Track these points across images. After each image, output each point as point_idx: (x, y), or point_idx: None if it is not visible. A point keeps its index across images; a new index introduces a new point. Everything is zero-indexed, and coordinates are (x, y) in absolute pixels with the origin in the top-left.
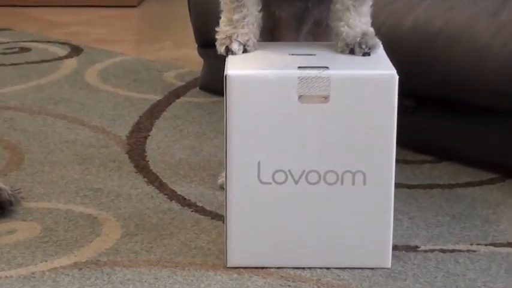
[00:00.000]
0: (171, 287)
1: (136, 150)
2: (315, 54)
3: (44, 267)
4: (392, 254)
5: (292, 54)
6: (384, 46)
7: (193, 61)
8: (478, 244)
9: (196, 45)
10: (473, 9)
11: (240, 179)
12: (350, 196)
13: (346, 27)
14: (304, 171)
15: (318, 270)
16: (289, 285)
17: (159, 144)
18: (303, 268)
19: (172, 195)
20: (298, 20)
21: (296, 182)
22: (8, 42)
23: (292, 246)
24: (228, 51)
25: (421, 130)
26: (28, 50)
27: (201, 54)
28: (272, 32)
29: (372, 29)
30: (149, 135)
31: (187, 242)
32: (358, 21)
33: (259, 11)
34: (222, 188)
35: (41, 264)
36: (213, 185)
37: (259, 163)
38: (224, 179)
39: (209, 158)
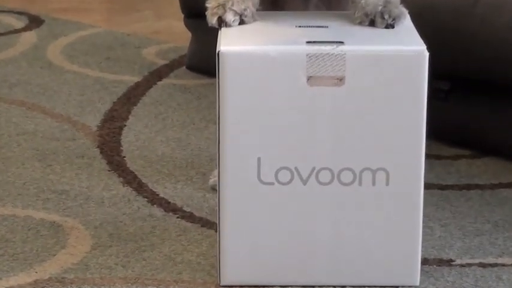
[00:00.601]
0: None
1: (109, 143)
2: (327, 27)
3: None
4: (422, 270)
5: (300, 26)
6: (411, 16)
7: (178, 35)
8: None
9: (182, 16)
10: None
11: (237, 178)
12: (370, 199)
13: None
14: (314, 168)
15: None
16: None
17: (137, 136)
18: (313, 287)
19: (154, 199)
20: None
21: (304, 182)
22: None
23: (299, 260)
24: (222, 22)
25: (456, 119)
26: None
27: (188, 26)
28: (275, 1)
29: None
30: (125, 125)
31: (171, 255)
32: None
33: None
34: (215, 189)
35: None
36: (203, 186)
37: (259, 159)
38: (217, 178)
39: (198, 153)
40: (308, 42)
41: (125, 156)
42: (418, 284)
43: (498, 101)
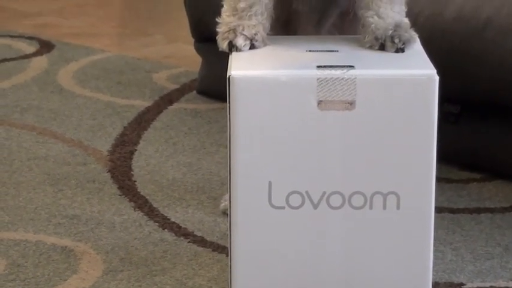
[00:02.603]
0: None
1: (120, 168)
2: (337, 51)
3: None
4: None
5: (310, 51)
6: (421, 40)
7: (189, 59)
8: None
9: (192, 40)
10: None
11: (248, 202)
12: (381, 223)
13: (375, 17)
14: (324, 193)
15: None
16: None
17: (148, 161)
18: None
19: (165, 223)
20: (319, 13)
21: (315, 206)
22: None
23: (310, 285)
24: (232, 47)
25: (466, 142)
26: None
27: (198, 50)
28: (287, 25)
29: (406, 20)
30: (136, 150)
31: (183, 280)
32: (390, 10)
33: None
34: (226, 213)
35: None
36: (214, 210)
37: (270, 183)
38: (228, 202)
39: (209, 177)
40: (318, 66)
41: (135, 181)
42: None
43: (509, 124)
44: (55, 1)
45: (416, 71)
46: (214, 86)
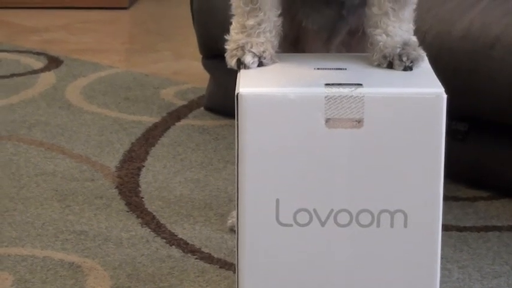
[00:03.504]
0: None
1: (128, 184)
2: (345, 69)
3: None
4: None
5: (318, 69)
6: (429, 59)
7: (196, 76)
8: None
9: (200, 57)
10: None
11: (255, 219)
12: (388, 241)
13: (383, 35)
14: (332, 210)
15: None
16: None
17: (155, 177)
18: None
19: (172, 240)
20: (328, 31)
21: (323, 224)
22: None
23: None
24: (240, 64)
25: (474, 160)
26: None
27: (206, 67)
28: (295, 43)
29: (414, 38)
30: (144, 166)
31: None
32: (398, 29)
33: (279, 16)
34: (233, 230)
35: None
36: (221, 227)
37: (277, 201)
38: (235, 219)
39: (217, 194)
40: (327, 84)
41: (143, 197)
42: None
43: None
44: (62, 17)
45: (425, 90)
46: (222, 102)
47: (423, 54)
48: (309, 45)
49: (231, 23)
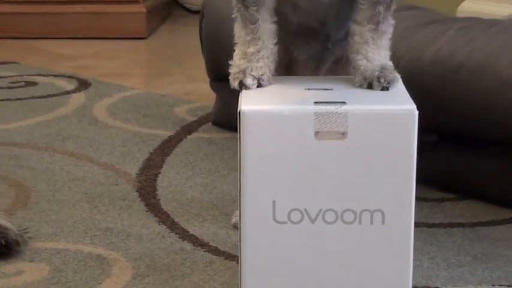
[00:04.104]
0: None
1: (146, 188)
2: (331, 89)
3: None
4: None
5: (309, 89)
6: (403, 80)
7: (205, 95)
8: (500, 285)
9: (208, 79)
10: (496, 42)
11: (255, 218)
12: (368, 235)
13: (364, 60)
14: (320, 210)
15: None
16: None
17: (170, 182)
18: None
19: (184, 235)
20: (316, 60)
21: (312, 221)
22: (13, 76)
23: (308, 287)
24: (242, 85)
25: (442, 167)
26: (34, 84)
27: (213, 88)
28: (288, 68)
29: (390, 63)
30: (160, 173)
31: (200, 283)
32: (376, 55)
33: (275, 45)
34: (236, 227)
35: None
36: (226, 224)
37: (274, 202)
38: (238, 218)
39: (222, 196)
40: (316, 102)
41: (159, 199)
42: None
43: (478, 152)
44: (91, 46)
45: (399, 106)
46: (226, 118)
47: (398, 76)
48: (299, 72)
49: (234, 50)
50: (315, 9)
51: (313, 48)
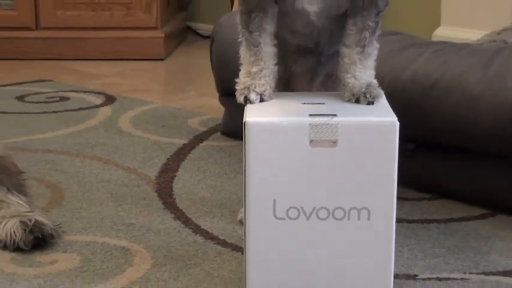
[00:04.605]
0: None
1: (164, 189)
2: (324, 103)
3: None
4: (394, 282)
5: (304, 103)
6: (386, 96)
7: (215, 109)
8: (470, 273)
9: (217, 95)
10: (466, 62)
11: (257, 215)
12: (356, 230)
13: (352, 78)
14: (314, 208)
15: None
16: None
17: (184, 184)
18: None
19: (197, 229)
20: (311, 73)
21: (308, 218)
22: (49, 92)
23: (304, 275)
24: (247, 100)
25: (419, 171)
26: (67, 99)
27: (222, 102)
28: (287, 83)
29: (375, 81)
30: (176, 176)
31: (210, 271)
32: (363, 74)
33: (275, 65)
34: (241, 222)
35: None
36: (233, 220)
37: (274, 201)
38: (243, 214)
39: (229, 196)
40: (310, 115)
41: (175, 198)
42: None
43: (451, 158)
44: (116, 66)
45: (382, 118)
46: (233, 128)
47: (382, 92)
48: (296, 85)
49: (239, 70)
50: (311, 32)
51: (308, 62)
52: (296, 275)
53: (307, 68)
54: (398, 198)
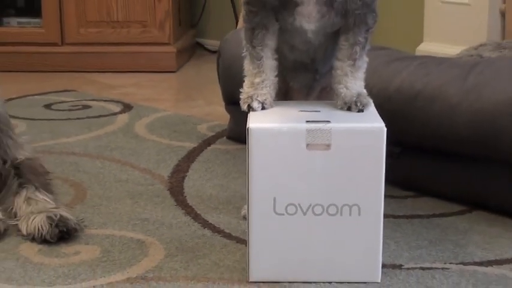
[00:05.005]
0: None
1: (176, 187)
2: (319, 111)
3: (102, 281)
4: (382, 271)
5: (301, 111)
6: (374, 104)
7: (221, 116)
8: (450, 263)
9: (223, 103)
10: (446, 75)
11: (259, 211)
12: (348, 224)
13: (344, 88)
14: (310, 204)
15: (322, 284)
16: None
17: (194, 183)
18: (310, 282)
19: (205, 224)
20: (307, 88)
21: (304, 214)
22: (73, 101)
23: (301, 264)
24: (250, 108)
25: (405, 171)
26: (89, 107)
27: (227, 110)
28: (286, 94)
29: (365, 91)
30: (186, 175)
31: (217, 261)
32: (354, 84)
33: (275, 77)
34: (245, 218)
35: (100, 279)
36: (237, 216)
37: (274, 198)
38: (246, 211)
39: (234, 194)
40: (307, 121)
41: (186, 196)
42: (379, 280)
43: (432, 160)
44: (133, 78)
45: (371, 124)
46: (238, 133)
47: (371, 101)
48: (294, 98)
49: (243, 81)
50: (308, 49)
51: (305, 79)
52: (294, 264)
53: (304, 84)
54: (386, 196)
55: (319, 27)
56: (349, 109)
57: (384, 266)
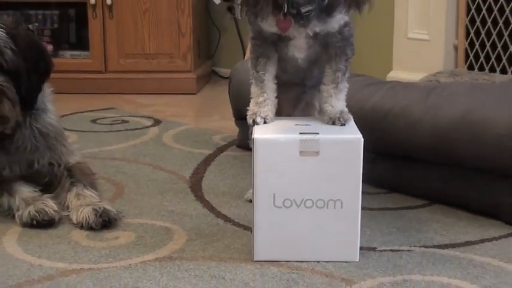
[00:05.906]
0: (217, 273)
1: (195, 185)
2: (310, 125)
3: (137, 260)
4: (360, 253)
5: (296, 125)
6: (354, 120)
7: (232, 129)
8: (414, 246)
9: (234, 119)
10: (411, 96)
11: (262, 204)
12: (332, 215)
13: (330, 107)
14: (303, 199)
15: (312, 263)
16: (293, 273)
17: (210, 182)
18: (302, 261)
19: (219, 215)
20: (295, 99)
21: (298, 207)
22: (113, 117)
23: (295, 247)
24: (254, 122)
25: (378, 173)
26: (127, 122)
27: (237, 124)
28: (277, 105)
29: (346, 109)
30: (204, 176)
31: (228, 244)
32: (337, 104)
33: (276, 97)
34: (248, 201)
35: (135, 258)
36: (245, 208)
37: (274, 194)
38: (250, 195)
39: (242, 191)
40: (300, 133)
41: (203, 192)
42: (358, 260)
43: (400, 164)
44: (163, 98)
45: (351, 136)
46: (245, 143)
47: (351, 117)
48: (284, 108)
49: (250, 100)
50: (298, 71)
51: (293, 93)
52: (290, 246)
53: (293, 96)
54: (363, 192)
55: (307, 55)
56: (333, 123)
57: (361, 248)
